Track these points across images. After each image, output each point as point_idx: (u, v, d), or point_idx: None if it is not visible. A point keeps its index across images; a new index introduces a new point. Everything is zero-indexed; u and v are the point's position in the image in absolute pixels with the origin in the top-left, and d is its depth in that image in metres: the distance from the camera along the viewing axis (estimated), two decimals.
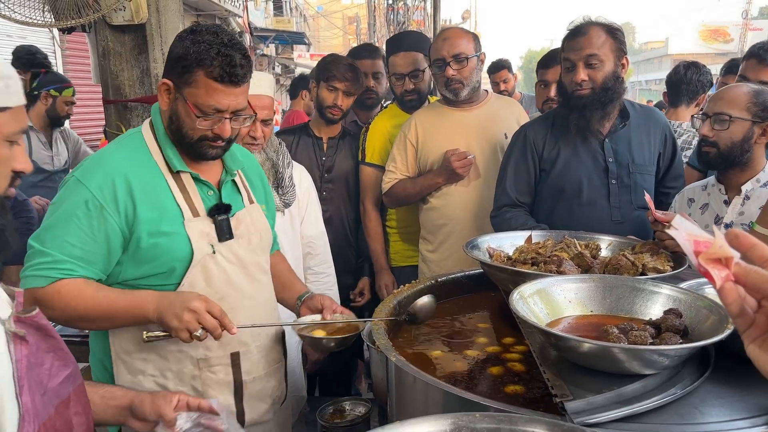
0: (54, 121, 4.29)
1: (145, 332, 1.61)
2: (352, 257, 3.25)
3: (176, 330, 1.58)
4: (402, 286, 1.96)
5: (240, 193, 1.90)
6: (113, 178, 1.66)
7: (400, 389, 1.46)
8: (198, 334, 1.58)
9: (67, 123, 4.73)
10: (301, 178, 2.66)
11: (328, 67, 3.00)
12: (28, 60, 4.46)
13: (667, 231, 1.64)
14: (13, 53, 4.54)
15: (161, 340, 1.65)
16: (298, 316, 1.98)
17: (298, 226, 2.66)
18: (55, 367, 1.14)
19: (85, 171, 1.69)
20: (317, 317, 1.88)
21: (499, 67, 4.57)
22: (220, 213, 1.78)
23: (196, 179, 1.78)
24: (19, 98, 1.09)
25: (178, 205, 1.73)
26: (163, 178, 1.73)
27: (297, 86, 6.00)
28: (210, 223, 1.76)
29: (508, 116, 2.89)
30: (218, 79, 1.63)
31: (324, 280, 2.77)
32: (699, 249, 0.73)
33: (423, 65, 3.16)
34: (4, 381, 1.01)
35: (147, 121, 1.82)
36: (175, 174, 1.75)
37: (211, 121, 1.68)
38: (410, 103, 3.19)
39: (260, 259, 1.91)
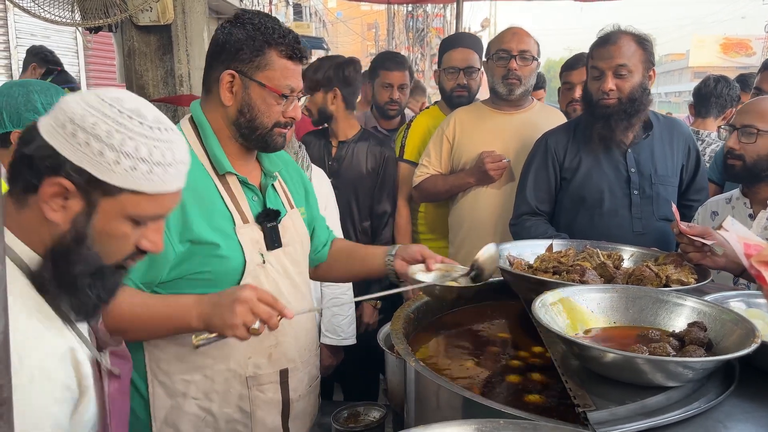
0: None
1: (193, 336, 1.42)
2: None
3: (231, 327, 1.39)
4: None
5: (280, 197, 1.81)
6: None
7: (419, 395, 1.45)
8: (256, 327, 1.40)
9: None
10: (320, 182, 2.65)
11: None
12: (43, 57, 4.59)
13: (718, 231, 1.61)
14: (30, 50, 4.65)
15: (213, 342, 1.44)
16: (393, 270, 1.83)
17: None
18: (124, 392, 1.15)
19: None
20: (422, 266, 1.76)
21: (538, 86, 4.51)
22: (269, 219, 1.68)
23: (243, 183, 1.68)
24: (160, 187, 1.05)
25: (229, 210, 1.62)
26: (211, 180, 1.62)
27: None
28: (259, 230, 1.67)
29: (550, 126, 2.81)
30: (291, 58, 1.60)
31: (340, 285, 2.75)
32: (749, 252, 0.73)
33: (477, 65, 3.16)
34: (89, 422, 1.02)
35: (186, 121, 1.71)
36: (221, 177, 1.64)
37: (286, 103, 1.62)
38: (458, 99, 3.17)
39: (303, 269, 1.84)
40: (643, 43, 2.35)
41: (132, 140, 1.01)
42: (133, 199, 1.03)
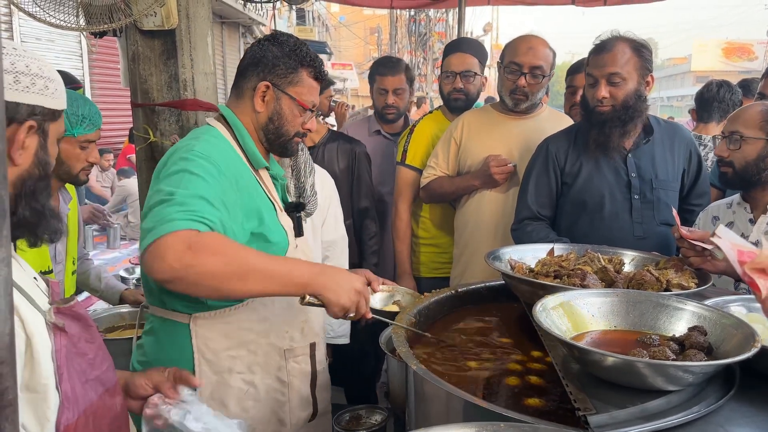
0: None
1: (306, 296, 1.55)
2: None
3: (341, 308, 1.55)
4: (423, 294, 1.96)
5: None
6: (224, 155, 1.68)
7: (420, 398, 1.46)
8: (351, 316, 1.60)
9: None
10: (323, 183, 2.66)
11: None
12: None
13: (711, 239, 1.63)
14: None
15: (315, 307, 1.59)
16: None
17: (319, 235, 2.66)
18: (99, 357, 1.18)
19: (193, 147, 1.62)
20: (369, 289, 1.92)
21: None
22: (297, 210, 1.90)
23: (273, 178, 1.86)
24: (66, 104, 1.17)
25: (269, 198, 1.80)
26: (251, 173, 1.78)
27: None
28: (288, 219, 1.85)
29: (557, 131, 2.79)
30: (316, 78, 1.83)
31: None
32: (743, 259, 0.74)
33: (476, 69, 3.18)
34: (48, 371, 1.05)
35: (214, 120, 1.83)
36: (256, 171, 1.80)
37: (308, 116, 1.83)
38: (456, 103, 3.18)
39: (312, 259, 2.00)
40: (639, 49, 2.35)
41: (42, 68, 1.10)
42: (61, 120, 1.16)
